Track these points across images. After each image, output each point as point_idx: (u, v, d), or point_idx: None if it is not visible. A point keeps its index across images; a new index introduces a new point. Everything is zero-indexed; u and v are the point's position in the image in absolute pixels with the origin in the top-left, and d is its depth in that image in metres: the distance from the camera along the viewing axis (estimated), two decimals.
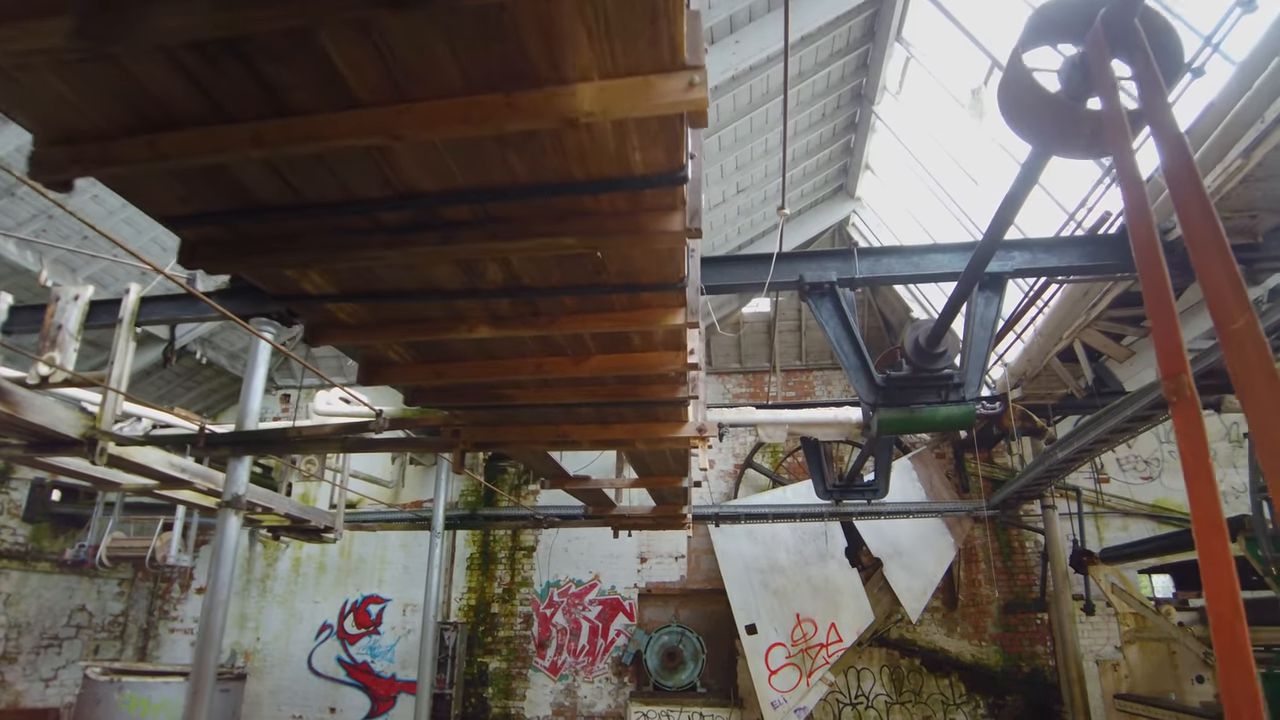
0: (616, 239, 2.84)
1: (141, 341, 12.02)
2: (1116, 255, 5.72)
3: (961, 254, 5.78)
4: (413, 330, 3.85)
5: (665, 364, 4.16)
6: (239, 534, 6.09)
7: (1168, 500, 12.07)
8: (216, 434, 6.28)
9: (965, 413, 5.47)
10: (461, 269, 3.31)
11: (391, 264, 3.28)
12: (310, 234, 3.05)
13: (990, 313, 5.65)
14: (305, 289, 3.53)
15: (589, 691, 12.61)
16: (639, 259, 3.16)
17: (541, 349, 4.13)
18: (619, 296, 3.53)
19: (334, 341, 3.97)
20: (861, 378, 5.66)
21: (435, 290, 3.52)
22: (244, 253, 3.13)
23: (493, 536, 13.69)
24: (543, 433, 5.56)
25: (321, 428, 5.93)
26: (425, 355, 4.27)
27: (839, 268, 5.84)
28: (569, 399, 4.80)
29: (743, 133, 9.91)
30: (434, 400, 4.92)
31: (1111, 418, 7.04)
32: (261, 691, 13.26)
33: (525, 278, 3.38)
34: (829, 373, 14.34)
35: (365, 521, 12.05)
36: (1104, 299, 7.00)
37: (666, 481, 7.16)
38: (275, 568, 14.11)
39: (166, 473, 7.26)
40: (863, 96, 10.11)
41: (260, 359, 6.57)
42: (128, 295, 6.90)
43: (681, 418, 5.34)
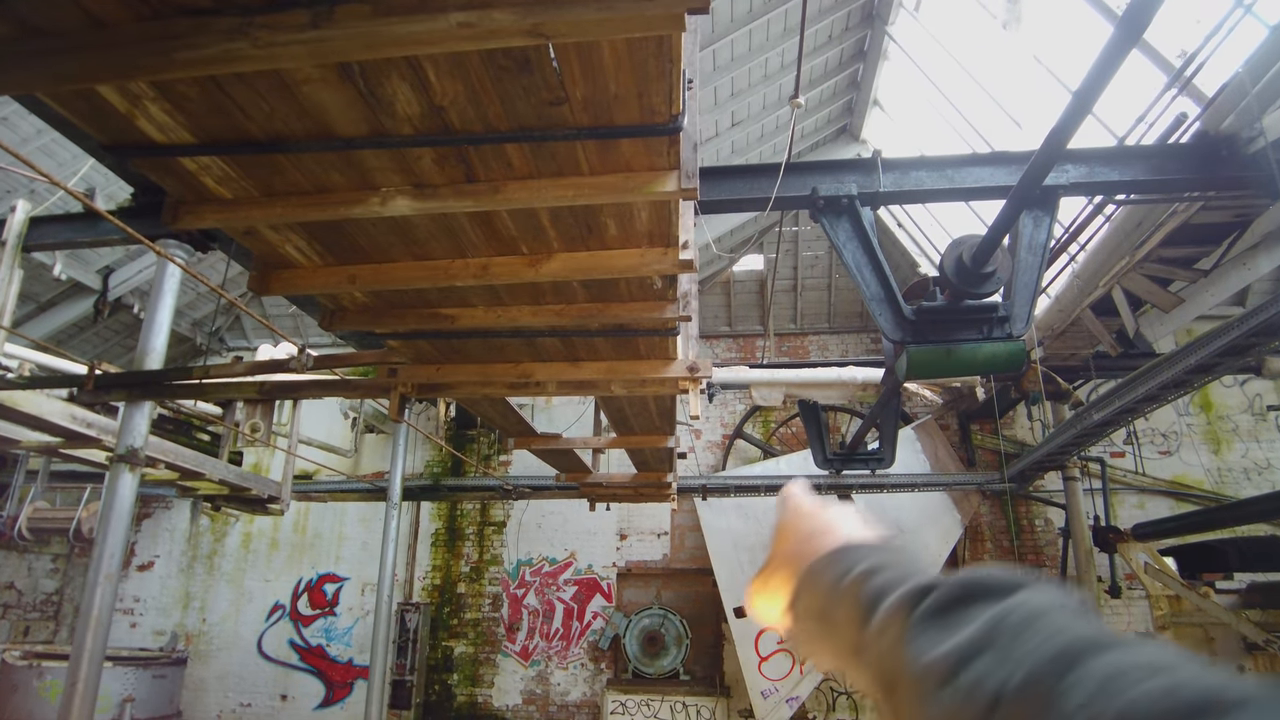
0: (574, 9, 1.84)
1: (70, 291, 10.91)
2: (1189, 169, 4.80)
3: (1004, 166, 4.87)
4: (308, 204, 2.83)
5: (650, 263, 3.18)
6: (133, 494, 5.07)
7: (1186, 476, 11.25)
8: (108, 375, 5.24)
9: (1013, 351, 4.52)
10: (359, 96, 2.30)
11: (256, 86, 2.26)
12: (120, 20, 2.05)
13: (1040, 235, 4.71)
14: (145, 130, 2.50)
15: (563, 678, 11.68)
16: (611, 65, 2.15)
17: (486, 239, 3.12)
18: (586, 147, 2.53)
19: (205, 222, 2.94)
20: (887, 310, 4.70)
21: (327, 135, 2.50)
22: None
23: (460, 510, 12.69)
24: (499, 372, 4.56)
25: (233, 366, 4.90)
26: (334, 249, 3.25)
27: (860, 180, 4.90)
28: (528, 321, 3.79)
29: (740, 50, 8.85)
30: (357, 321, 3.89)
31: (1169, 368, 6.12)
32: (207, 677, 12.23)
33: (452, 112, 2.37)
34: (825, 337, 13.39)
35: (316, 492, 11.03)
36: (1156, 234, 6.06)
37: (649, 440, 6.19)
38: (223, 543, 13.04)
39: (67, 426, 6.23)
40: (874, 16, 9.08)
41: (167, 288, 5.52)
42: (13, 214, 5.83)
43: (669, 352, 4.36)
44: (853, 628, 0.56)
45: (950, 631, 0.46)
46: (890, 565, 0.58)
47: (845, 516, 0.74)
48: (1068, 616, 0.43)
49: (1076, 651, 0.39)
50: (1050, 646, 0.40)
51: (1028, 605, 0.45)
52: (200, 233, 5.66)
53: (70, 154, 8.80)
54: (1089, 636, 0.40)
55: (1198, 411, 11.60)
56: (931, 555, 10.33)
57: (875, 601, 0.54)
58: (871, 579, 0.57)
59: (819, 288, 13.32)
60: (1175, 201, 5.58)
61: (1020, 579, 0.48)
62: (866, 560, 0.61)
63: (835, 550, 0.66)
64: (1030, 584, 0.47)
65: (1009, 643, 0.42)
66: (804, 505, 0.79)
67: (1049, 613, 0.44)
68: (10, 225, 5.78)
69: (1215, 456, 11.34)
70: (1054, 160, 4.00)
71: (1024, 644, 0.42)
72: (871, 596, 0.55)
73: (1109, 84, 3.34)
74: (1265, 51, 4.64)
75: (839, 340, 13.38)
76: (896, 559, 0.60)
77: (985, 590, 0.48)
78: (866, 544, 0.66)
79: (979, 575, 0.49)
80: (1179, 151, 4.86)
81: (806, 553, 0.70)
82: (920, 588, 0.52)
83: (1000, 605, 0.45)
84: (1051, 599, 0.45)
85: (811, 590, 0.66)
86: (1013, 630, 0.43)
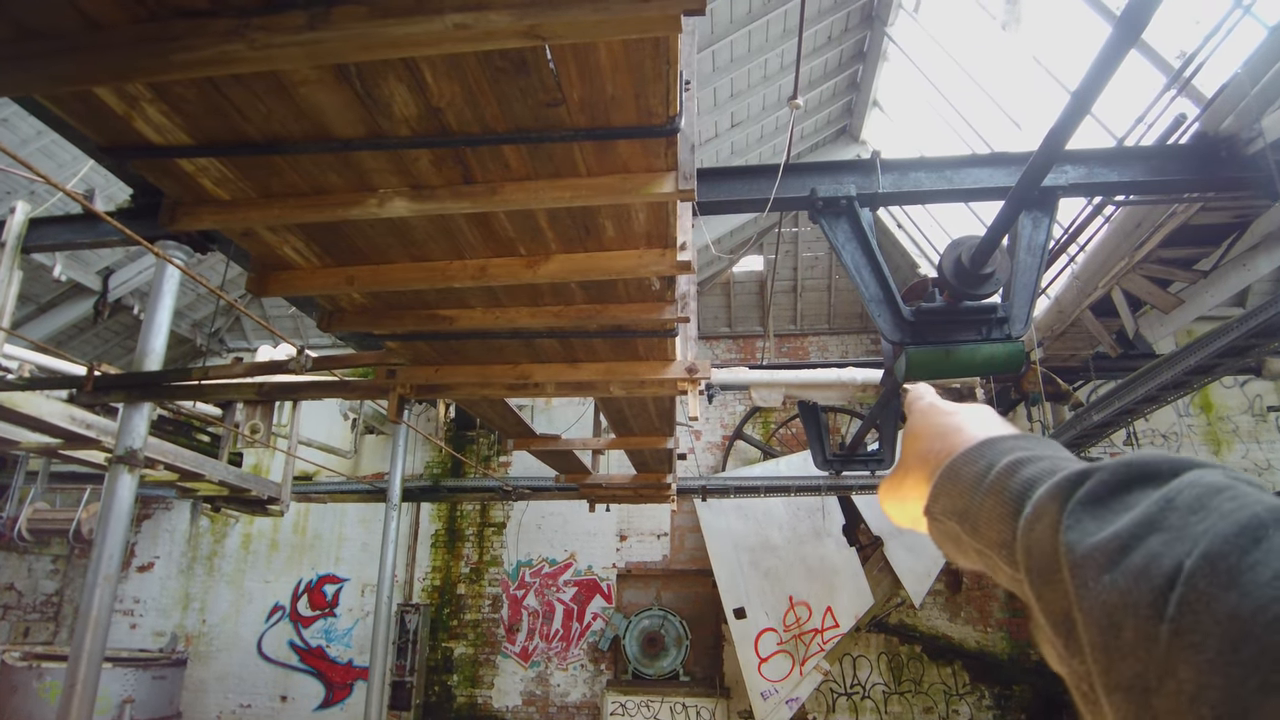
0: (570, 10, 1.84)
1: (70, 292, 10.92)
2: (1188, 169, 4.79)
3: (1003, 167, 4.86)
4: (306, 205, 2.82)
5: (648, 264, 3.17)
6: (132, 496, 5.07)
7: None
8: (108, 377, 5.24)
9: (1012, 352, 4.51)
10: (356, 97, 2.30)
11: (253, 87, 2.26)
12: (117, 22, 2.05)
13: (1039, 236, 4.70)
14: (143, 132, 2.50)
15: (562, 679, 11.67)
16: (608, 66, 2.15)
17: (484, 241, 3.12)
18: (584, 149, 2.53)
19: (202, 224, 2.94)
20: (886, 310, 4.69)
21: (325, 136, 2.50)
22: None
23: (460, 511, 12.68)
24: (497, 374, 4.56)
25: (232, 367, 4.90)
26: (332, 251, 3.25)
27: (858, 181, 4.88)
28: (526, 323, 3.79)
29: (740, 51, 8.84)
30: (356, 322, 3.89)
31: (1169, 369, 6.11)
32: (207, 678, 12.23)
33: (449, 113, 2.37)
34: (825, 338, 13.39)
35: (316, 493, 11.02)
36: (1155, 235, 6.05)
37: (648, 442, 6.18)
38: (223, 544, 13.04)
39: (66, 428, 6.24)
40: (874, 17, 9.08)
41: (166, 289, 5.52)
42: (13, 215, 5.83)
43: (667, 353, 4.35)
44: (1001, 523, 0.54)
45: (1113, 516, 0.43)
46: (1038, 456, 0.55)
47: (980, 414, 0.71)
48: (1247, 490, 0.40)
49: (1264, 523, 0.36)
50: (1231, 521, 0.37)
51: (1200, 483, 0.41)
52: (199, 234, 5.66)
53: (70, 155, 8.80)
54: (1277, 506, 0.37)
55: (1198, 412, 11.59)
56: (932, 556, 10.32)
57: (1025, 493, 0.52)
58: (1019, 471, 0.54)
59: (819, 289, 13.31)
60: (1175, 202, 5.57)
61: (1187, 459, 0.45)
62: (1012, 453, 0.57)
63: (975, 445, 0.62)
64: (1199, 464, 0.44)
65: (1182, 520, 0.39)
66: (935, 404, 0.76)
67: (1226, 488, 0.40)
68: (10, 226, 5.78)
69: (1216, 457, 11.33)
70: (1053, 161, 3.99)
71: (1201, 521, 0.38)
72: (1021, 488, 0.53)
73: (1107, 84, 3.33)
74: (1264, 52, 4.64)
75: (839, 341, 13.38)
76: (1043, 450, 0.57)
77: (1149, 473, 0.45)
78: (1008, 436, 0.62)
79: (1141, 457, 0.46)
80: (1178, 152, 4.85)
81: (942, 450, 0.66)
82: (1076, 474, 0.48)
83: (1168, 486, 0.42)
84: (1226, 475, 0.42)
85: (952, 488, 0.62)
86: (1186, 507, 0.40)
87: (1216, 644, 0.34)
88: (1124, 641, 0.39)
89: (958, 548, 0.62)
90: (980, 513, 0.57)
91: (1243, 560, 0.35)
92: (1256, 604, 0.33)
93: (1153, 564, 0.38)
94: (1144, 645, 0.37)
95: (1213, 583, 0.35)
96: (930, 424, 0.72)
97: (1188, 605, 0.35)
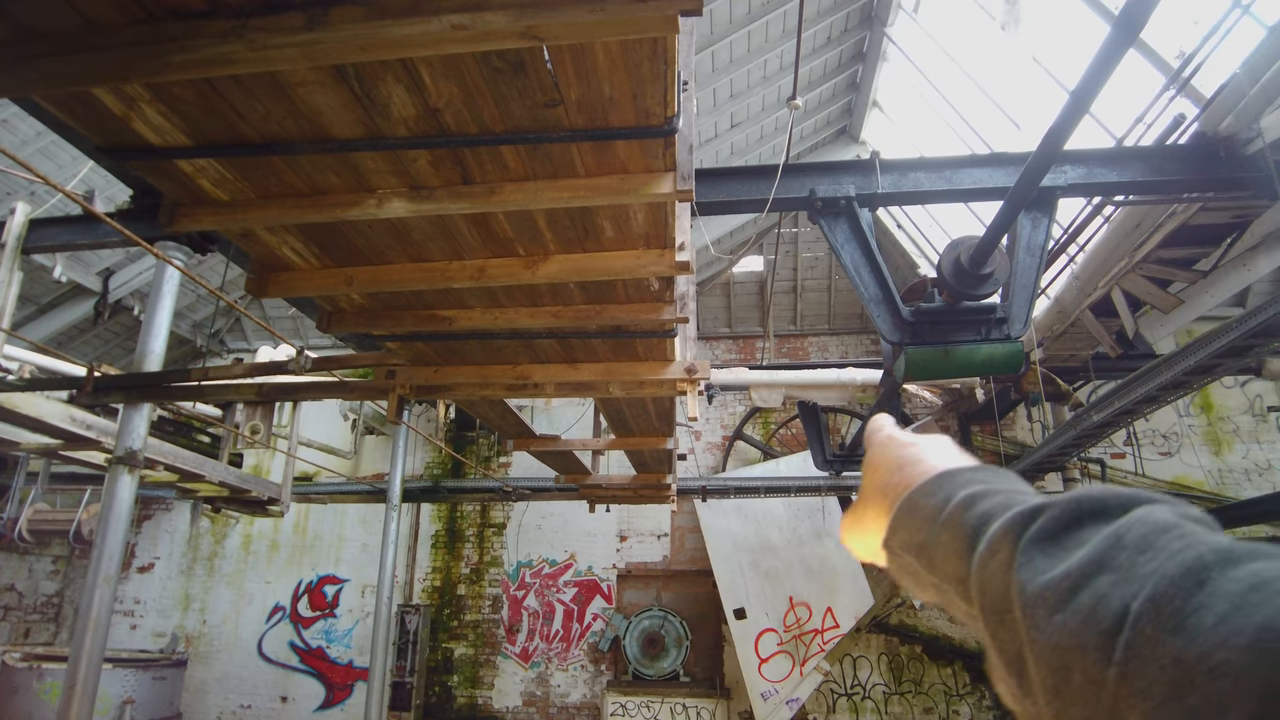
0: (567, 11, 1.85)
1: (70, 293, 10.92)
2: (1187, 170, 4.79)
3: (1002, 168, 4.87)
4: (305, 206, 2.82)
5: (647, 265, 3.17)
6: (132, 496, 5.07)
7: (1187, 477, 11.24)
8: (108, 377, 5.24)
9: (1011, 352, 4.51)
10: (355, 98, 2.30)
11: (251, 88, 2.27)
12: (115, 23, 2.06)
13: (1038, 237, 4.71)
14: (141, 133, 2.50)
15: (563, 680, 11.67)
16: (605, 67, 2.15)
17: (482, 241, 3.12)
18: (582, 149, 2.53)
19: (201, 225, 2.94)
20: (885, 311, 4.70)
21: (323, 137, 2.50)
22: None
23: (460, 512, 12.69)
24: (497, 374, 4.56)
25: (232, 368, 4.90)
26: (331, 251, 3.25)
27: (858, 182, 4.89)
28: (525, 323, 3.79)
29: (739, 51, 8.84)
30: (355, 323, 3.89)
31: (1169, 369, 6.11)
32: (207, 678, 12.23)
33: (447, 114, 2.37)
34: (825, 338, 13.39)
35: (316, 494, 11.01)
36: (1155, 235, 6.06)
37: (648, 442, 6.17)
38: (223, 545, 13.04)
39: (66, 428, 6.24)
40: (873, 18, 9.08)
41: (166, 290, 5.52)
42: (13, 216, 5.84)
43: (667, 354, 4.35)
44: (957, 558, 0.53)
45: (1064, 554, 0.43)
46: (994, 490, 0.55)
47: (938, 445, 0.70)
48: (1194, 528, 0.40)
49: (1209, 564, 0.36)
50: (1179, 561, 0.37)
51: (1148, 520, 0.41)
52: (198, 235, 5.66)
53: (70, 156, 8.81)
54: (1221, 548, 0.36)
55: (1198, 413, 11.59)
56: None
57: (980, 528, 0.51)
58: (975, 505, 0.54)
59: (819, 289, 13.31)
60: (1174, 203, 5.57)
61: (1137, 494, 0.44)
62: (968, 486, 0.57)
63: (933, 478, 0.62)
64: (1148, 499, 0.44)
65: (1131, 560, 0.39)
66: (894, 436, 0.75)
67: (1173, 526, 0.40)
68: (10, 227, 5.78)
69: (1216, 458, 11.33)
70: (1052, 161, 4.00)
71: (1149, 561, 0.38)
72: (976, 523, 0.52)
73: (1106, 84, 3.34)
74: (1263, 52, 4.64)
75: (839, 341, 13.38)
76: (999, 483, 0.56)
77: (1100, 509, 0.44)
78: (966, 469, 0.62)
79: (1092, 493, 0.46)
80: (1177, 152, 4.85)
81: (900, 483, 0.66)
82: (1029, 510, 0.48)
83: (1117, 523, 0.42)
84: (1174, 512, 0.42)
85: (910, 522, 0.62)
86: (1134, 546, 0.40)
87: (1162, 690, 0.34)
88: (1074, 685, 0.39)
89: (916, 582, 0.62)
90: (936, 547, 0.56)
91: (1187, 604, 0.35)
92: (1201, 650, 0.33)
93: (1101, 605, 0.38)
94: (1093, 689, 0.37)
95: (1158, 627, 0.35)
96: (889, 456, 0.72)
97: (1134, 650, 0.36)
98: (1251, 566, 0.34)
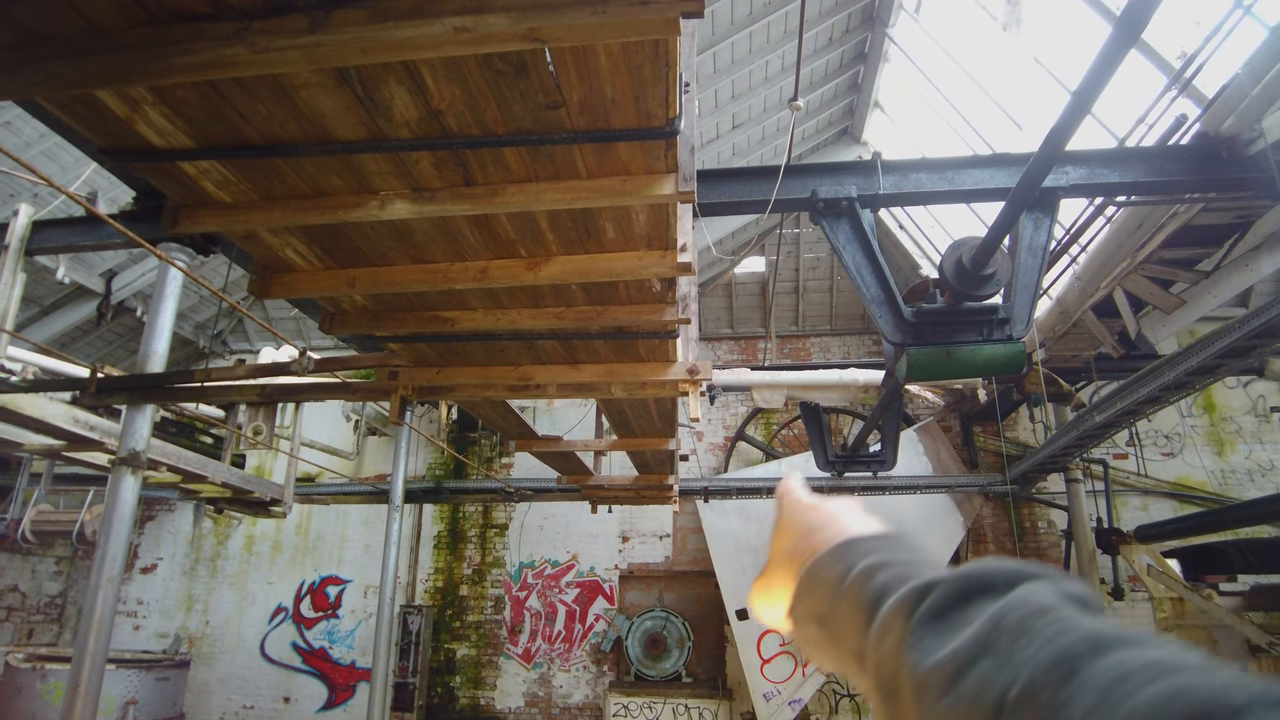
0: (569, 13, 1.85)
1: (73, 294, 10.94)
2: (1189, 170, 4.79)
3: (1004, 168, 4.87)
4: (307, 208, 2.83)
5: (648, 266, 3.18)
6: (135, 497, 5.08)
7: (1190, 478, 11.22)
8: (110, 379, 5.25)
9: (1013, 353, 4.51)
10: (357, 100, 2.31)
11: (253, 90, 2.27)
12: (118, 26, 2.06)
13: (1040, 237, 4.72)
14: (145, 135, 2.51)
15: (565, 681, 11.67)
16: (607, 69, 2.16)
17: (485, 242, 3.13)
18: (584, 151, 2.54)
19: (204, 226, 2.94)
20: (887, 312, 4.70)
21: (326, 139, 2.51)
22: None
23: (462, 513, 12.70)
24: (499, 375, 4.57)
25: (235, 369, 4.91)
26: (334, 253, 3.26)
27: (859, 183, 4.90)
28: (527, 324, 3.80)
29: (741, 53, 8.84)
30: (357, 324, 3.90)
31: (1171, 369, 6.11)
32: (210, 679, 12.24)
33: (450, 116, 2.37)
34: (827, 338, 13.38)
35: (318, 495, 11.03)
36: (1157, 235, 6.05)
37: (650, 443, 6.18)
38: (226, 546, 13.05)
39: (69, 429, 6.26)
40: (875, 18, 9.08)
41: (169, 291, 5.53)
42: (16, 218, 5.85)
43: (669, 355, 4.36)
44: (855, 633, 0.53)
45: (951, 633, 0.44)
46: (892, 562, 0.55)
47: (845, 510, 0.70)
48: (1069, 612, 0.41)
49: (1078, 654, 0.37)
50: (1051, 650, 0.38)
51: (1028, 603, 0.42)
52: (201, 236, 5.68)
53: (73, 158, 8.83)
54: (1091, 635, 0.38)
55: (1201, 413, 11.57)
56: (934, 558, 10.29)
57: (877, 603, 0.52)
58: (873, 577, 0.54)
59: (820, 289, 13.31)
60: (1176, 203, 5.57)
61: (1021, 570, 0.46)
62: (868, 557, 0.57)
63: (835, 547, 0.62)
64: (1031, 575, 0.45)
65: (1010, 645, 0.40)
66: (800, 500, 0.75)
67: (1049, 610, 0.41)
68: (13, 229, 5.79)
69: (1218, 458, 11.31)
70: (1053, 162, 4.00)
71: (1025, 647, 0.39)
72: (873, 597, 0.52)
73: (1108, 84, 3.34)
74: (1265, 52, 4.63)
75: (841, 342, 13.37)
76: (899, 554, 0.57)
77: (986, 585, 0.46)
78: (867, 538, 0.62)
79: (979, 569, 0.47)
80: (1179, 153, 4.85)
81: (806, 550, 0.65)
82: (921, 587, 0.49)
83: (1000, 603, 0.43)
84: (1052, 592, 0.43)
85: (812, 592, 0.62)
86: (1013, 631, 0.41)
87: None
88: None
89: (819, 652, 0.62)
90: (837, 619, 0.57)
91: (1058, 695, 0.36)
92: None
93: (982, 692, 0.39)
94: None
95: (1032, 717, 0.36)
96: (795, 521, 0.72)
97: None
98: (1119, 655, 0.36)
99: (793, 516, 0.73)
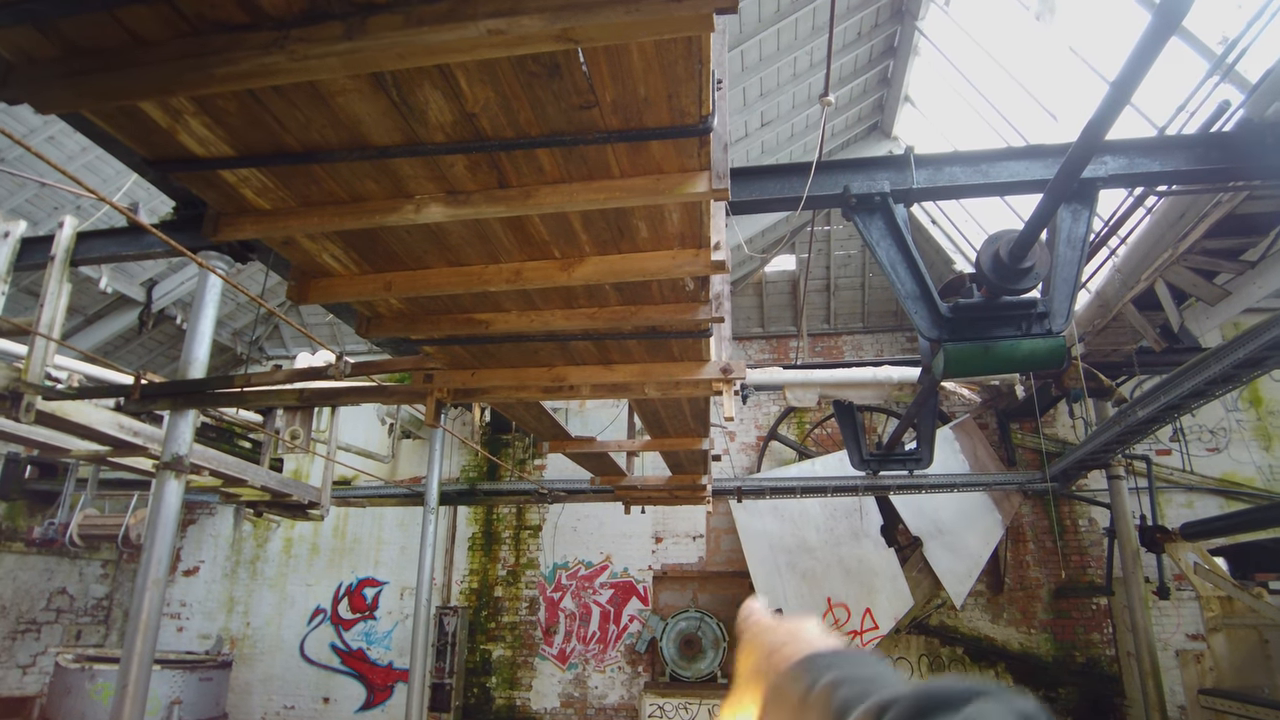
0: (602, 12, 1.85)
1: (116, 304, 11.19)
2: (1233, 157, 4.67)
3: (1039, 160, 4.79)
4: (344, 213, 2.86)
5: (682, 265, 3.17)
6: (179, 501, 5.18)
7: (1236, 473, 10.94)
8: (153, 385, 5.36)
9: (1053, 347, 4.44)
10: (393, 105, 2.33)
11: (291, 98, 2.31)
12: (160, 38, 2.11)
13: (1079, 229, 4.62)
14: (186, 144, 2.56)
15: (600, 682, 11.69)
16: (640, 68, 2.16)
17: (518, 244, 3.14)
18: (617, 150, 2.54)
19: (244, 233, 2.99)
20: (922, 307, 4.64)
21: (362, 144, 2.54)
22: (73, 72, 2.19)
23: (496, 515, 12.78)
24: (532, 376, 4.58)
25: (273, 374, 4.99)
26: (370, 257, 3.29)
27: (892, 177, 4.84)
28: (561, 325, 3.81)
29: (769, 50, 8.80)
30: (393, 328, 3.94)
31: (1216, 363, 5.97)
32: (251, 680, 12.45)
33: (484, 119, 2.39)
34: (859, 336, 13.27)
35: (355, 497, 11.16)
36: (1199, 225, 5.91)
37: (683, 443, 6.17)
38: (265, 548, 13.27)
39: (115, 435, 6.41)
40: (904, 12, 8.99)
41: (208, 299, 5.64)
42: (61, 230, 5.99)
43: (702, 354, 4.35)
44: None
45: None
46: (853, 678, 0.58)
47: (806, 627, 0.75)
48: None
49: None
50: None
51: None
52: (239, 243, 5.78)
53: (114, 170, 9.03)
54: None
55: (1247, 407, 11.29)
56: (972, 556, 10.17)
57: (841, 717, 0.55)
58: (836, 692, 0.57)
59: (852, 287, 13.20)
60: (1219, 191, 5.44)
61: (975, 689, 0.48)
62: (831, 670, 0.61)
63: (800, 661, 0.66)
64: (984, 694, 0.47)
65: None
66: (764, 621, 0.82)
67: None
68: (59, 240, 5.93)
69: (1266, 453, 11.02)
70: (1092, 152, 3.93)
71: None
72: (838, 711, 0.56)
73: (1147, 73, 3.27)
74: None
75: (873, 340, 13.25)
76: (860, 670, 0.60)
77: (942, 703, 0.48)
78: (828, 653, 0.66)
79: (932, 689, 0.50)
80: (1222, 140, 4.73)
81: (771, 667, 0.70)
82: (879, 705, 0.51)
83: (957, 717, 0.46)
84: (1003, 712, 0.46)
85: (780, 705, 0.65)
86: None
87: None
88: None
89: None
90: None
91: None
92: None
93: None
94: None
95: None
96: (760, 642, 0.77)
97: None
98: None
99: (756, 638, 0.80)
